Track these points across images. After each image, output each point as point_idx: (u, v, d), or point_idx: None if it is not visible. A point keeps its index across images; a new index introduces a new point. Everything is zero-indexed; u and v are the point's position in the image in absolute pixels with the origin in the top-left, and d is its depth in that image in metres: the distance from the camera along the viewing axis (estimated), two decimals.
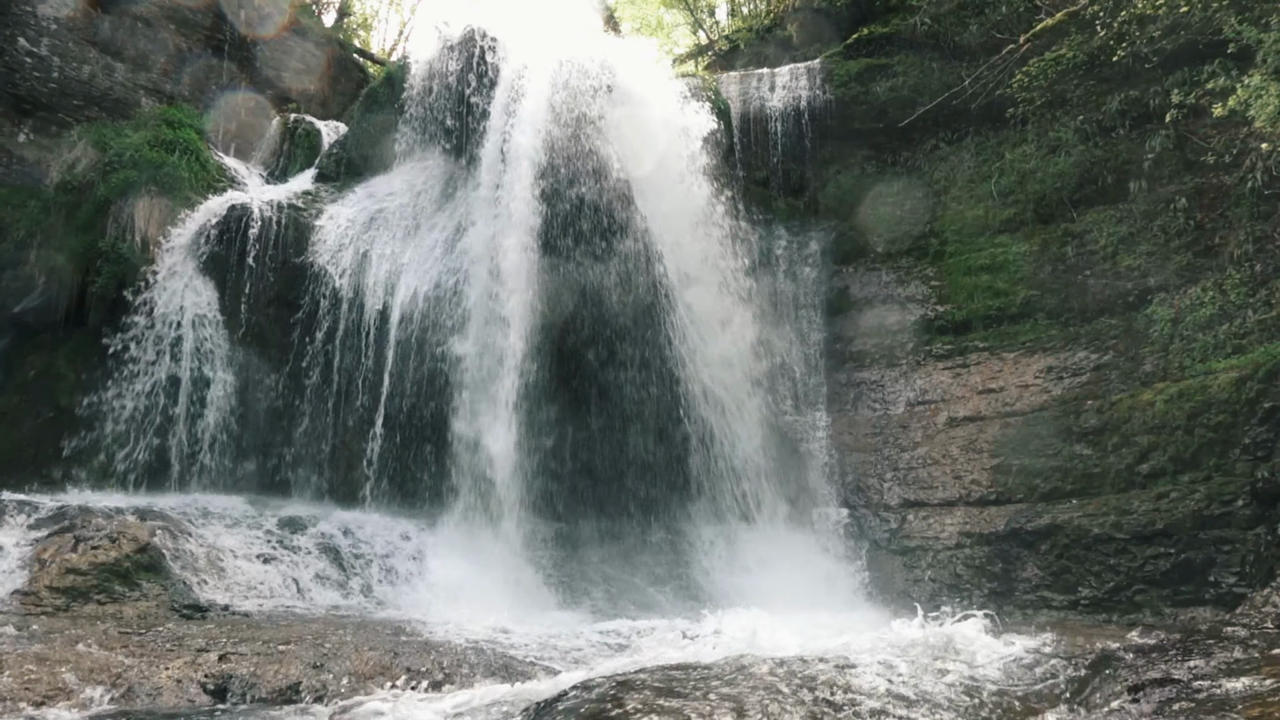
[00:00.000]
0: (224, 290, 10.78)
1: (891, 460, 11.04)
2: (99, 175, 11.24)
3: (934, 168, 12.36)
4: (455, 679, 5.64)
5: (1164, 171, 10.28)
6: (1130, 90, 10.66)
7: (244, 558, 8.22)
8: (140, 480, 9.99)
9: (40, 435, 10.37)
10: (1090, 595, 8.96)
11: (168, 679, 5.39)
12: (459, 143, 11.98)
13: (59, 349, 10.81)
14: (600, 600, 9.01)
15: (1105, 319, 10.34)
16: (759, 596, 9.23)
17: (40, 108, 13.05)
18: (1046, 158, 11.29)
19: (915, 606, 9.44)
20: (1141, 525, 8.74)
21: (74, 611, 6.81)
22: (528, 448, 9.85)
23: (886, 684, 3.66)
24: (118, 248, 10.64)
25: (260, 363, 10.82)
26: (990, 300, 11.24)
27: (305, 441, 10.64)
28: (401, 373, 10.40)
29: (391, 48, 23.51)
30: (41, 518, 8.10)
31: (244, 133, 14.58)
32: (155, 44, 14.25)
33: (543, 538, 9.74)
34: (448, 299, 10.58)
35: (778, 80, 13.05)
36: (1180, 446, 8.82)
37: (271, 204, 11.32)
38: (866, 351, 11.84)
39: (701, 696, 3.34)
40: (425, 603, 8.28)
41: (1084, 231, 10.81)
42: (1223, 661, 3.29)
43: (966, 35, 12.18)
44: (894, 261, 12.23)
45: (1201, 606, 8.18)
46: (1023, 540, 9.55)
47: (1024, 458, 10.03)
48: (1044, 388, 10.40)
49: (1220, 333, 9.20)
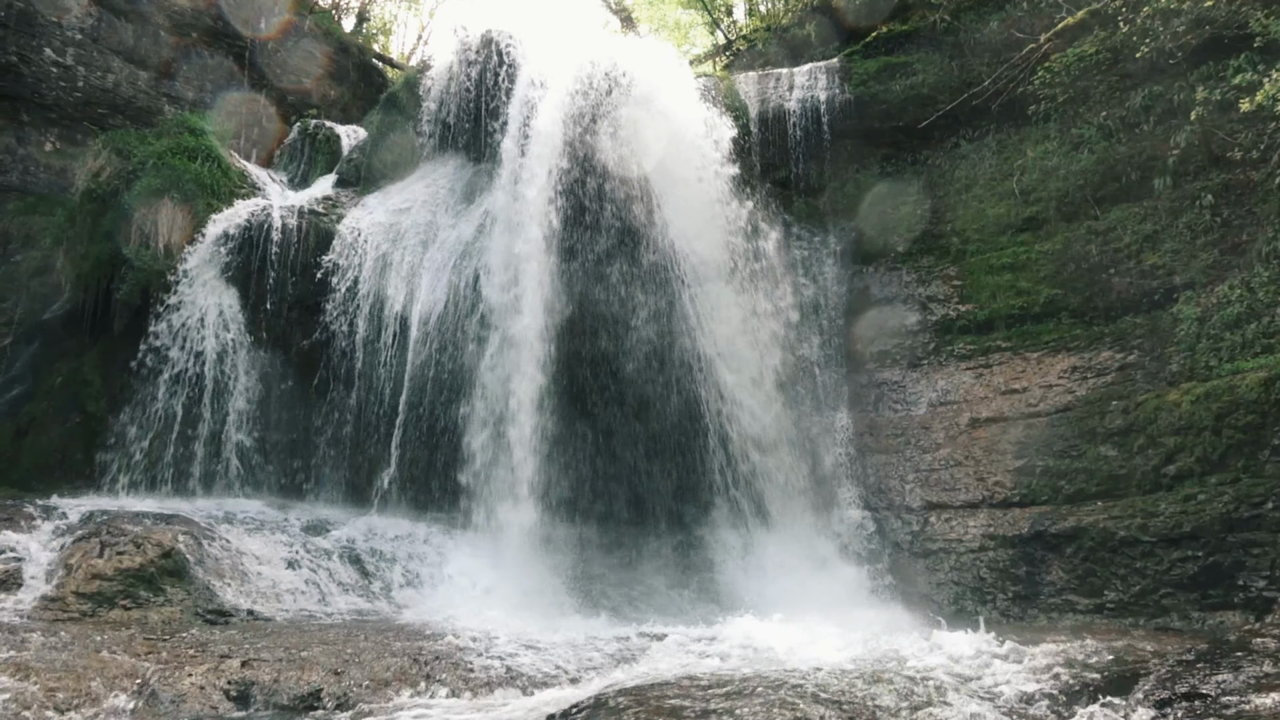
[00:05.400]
0: (246, 296, 10.89)
1: (913, 462, 10.93)
2: (123, 183, 11.37)
3: (954, 166, 12.23)
4: (473, 686, 5.65)
5: (1189, 168, 10.10)
6: (1154, 86, 10.49)
7: (267, 562, 8.28)
8: (165, 485, 10.11)
9: (67, 441, 10.52)
10: (1116, 599, 8.83)
11: (191, 685, 5.44)
12: (478, 146, 12.03)
13: (85, 355, 10.96)
14: (619, 604, 9.00)
15: (1130, 318, 10.17)
16: (779, 600, 9.19)
17: (66, 117, 13.25)
18: (1069, 155, 11.14)
19: (937, 611, 9.46)
20: (1168, 528, 8.60)
21: (100, 617, 6.89)
22: (546, 451, 9.87)
23: (907, 703, 3.62)
24: (141, 255, 10.77)
25: (282, 367, 10.93)
26: (1013, 299, 11.10)
27: (327, 445, 10.74)
28: (421, 376, 10.46)
29: (410, 52, 23.64)
30: (68, 523, 8.22)
31: (264, 139, 14.73)
32: (178, 52, 14.42)
33: (562, 541, 9.74)
34: (466, 303, 10.63)
35: (796, 79, 12.96)
36: (1208, 448, 8.67)
37: (292, 210, 11.42)
38: (887, 352, 11.73)
39: (717, 715, 3.32)
40: (445, 607, 8.31)
41: (1108, 229, 10.65)
42: (1251, 676, 3.23)
43: (987, 32, 12.05)
44: (915, 261, 12.10)
45: (1230, 611, 8.03)
46: (1047, 543, 9.43)
47: (1048, 459, 9.90)
48: (1068, 388, 10.26)
49: (1248, 331, 9.00)
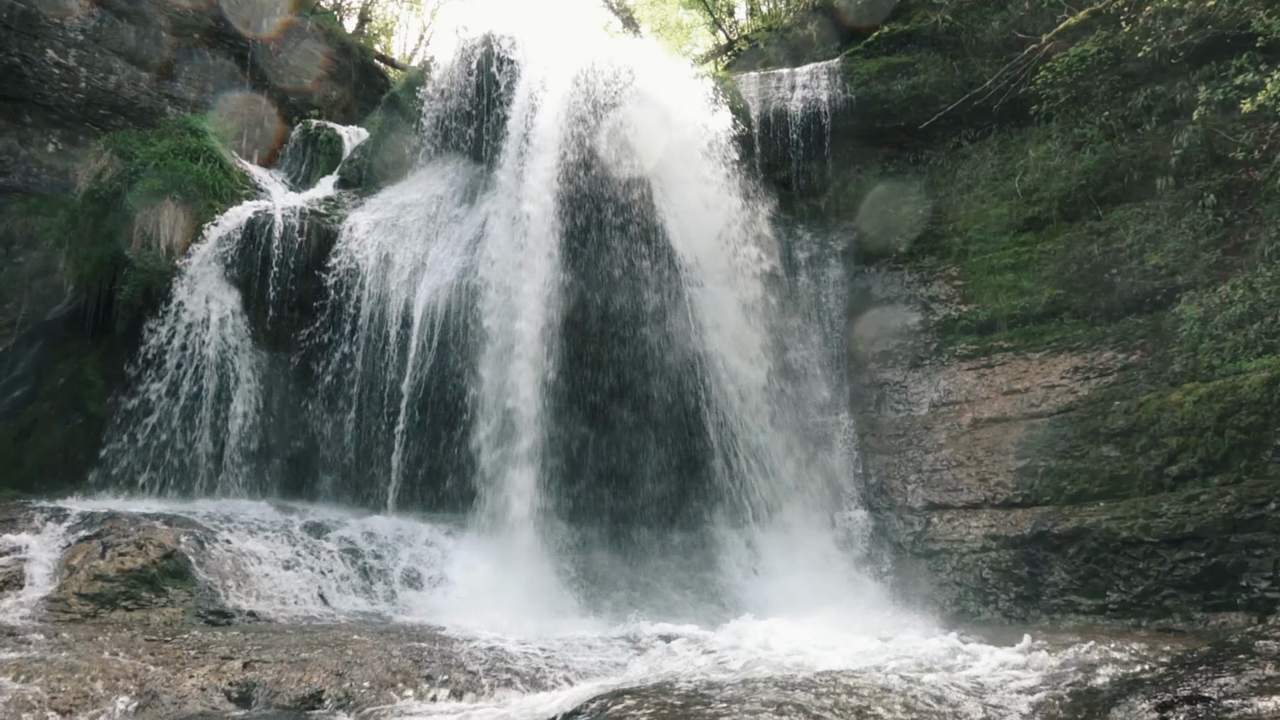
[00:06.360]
0: (248, 296, 10.89)
1: (915, 462, 10.92)
2: (125, 184, 11.36)
3: (956, 166, 12.22)
4: (475, 688, 5.65)
5: (1192, 168, 10.09)
6: (1156, 85, 10.48)
7: (269, 563, 8.28)
8: (167, 486, 10.11)
9: (69, 442, 10.52)
10: (1119, 600, 8.81)
11: (192, 687, 5.44)
12: (479, 146, 12.03)
13: (87, 356, 10.96)
14: (622, 605, 8.99)
15: (1132, 318, 10.16)
16: (781, 600, 9.20)
17: (68, 118, 13.25)
18: (1071, 155, 11.13)
19: (939, 611, 9.45)
20: (1171, 528, 8.59)
21: (102, 618, 6.90)
22: (549, 451, 9.87)
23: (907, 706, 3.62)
24: (143, 256, 10.77)
25: (284, 368, 10.93)
26: (1015, 300, 11.09)
27: (329, 446, 10.74)
28: (423, 377, 10.46)
29: (412, 53, 23.65)
30: (71, 524, 8.22)
31: (266, 139, 14.73)
32: (179, 53, 14.43)
33: (564, 542, 9.74)
34: (468, 303, 10.63)
35: (798, 80, 12.95)
36: (1210, 448, 8.66)
37: (294, 211, 11.42)
38: (889, 352, 11.72)
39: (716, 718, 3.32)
40: (447, 608, 8.30)
41: (1110, 229, 10.64)
42: (1254, 679, 3.23)
43: (988, 32, 12.04)
44: (916, 261, 12.10)
45: (1233, 612, 8.02)
46: (1049, 543, 9.42)
47: (1050, 459, 9.89)
48: (1070, 388, 10.25)
49: (1251, 332, 8.99)
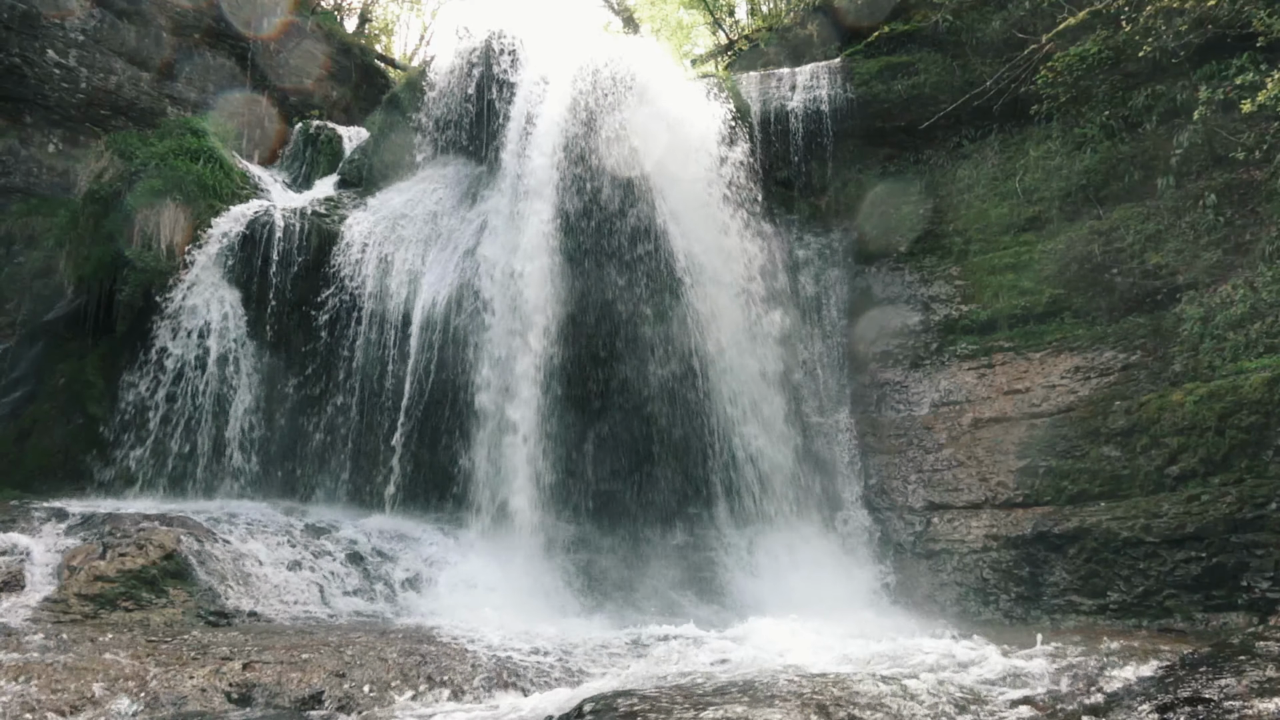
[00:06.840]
0: (248, 297, 10.90)
1: (916, 462, 10.92)
2: (125, 184, 11.38)
3: (957, 166, 12.21)
4: (474, 688, 5.65)
5: (1192, 167, 10.08)
6: (1157, 85, 10.47)
7: (269, 564, 8.28)
8: (168, 486, 10.12)
9: (70, 442, 10.53)
10: (1119, 600, 8.81)
11: (192, 688, 5.44)
12: (480, 147, 12.04)
13: (88, 357, 10.96)
14: (622, 605, 9.00)
15: (1133, 318, 10.16)
16: (782, 600, 9.19)
17: (69, 118, 13.27)
18: (1071, 154, 11.12)
19: (940, 611, 9.45)
20: (1171, 528, 8.59)
21: (102, 619, 6.90)
22: (549, 451, 9.87)
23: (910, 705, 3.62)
24: (143, 256, 10.78)
25: (285, 368, 10.94)
26: (1015, 299, 11.09)
27: (330, 446, 10.74)
28: (423, 377, 10.47)
29: (412, 53, 23.66)
30: (71, 525, 8.22)
31: (266, 139, 14.75)
32: (179, 53, 14.44)
33: (564, 542, 9.75)
34: (469, 304, 10.63)
35: (798, 80, 12.95)
36: (1211, 448, 8.65)
37: (294, 211, 11.43)
38: (890, 352, 11.72)
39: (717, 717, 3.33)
40: (448, 608, 8.30)
41: (1111, 229, 10.63)
42: (1255, 680, 3.22)
43: (989, 32, 12.03)
44: (917, 261, 12.09)
45: (1234, 612, 8.02)
46: (1050, 543, 9.42)
47: (1051, 459, 9.89)
48: (1071, 388, 10.24)
49: (1252, 331, 8.99)
